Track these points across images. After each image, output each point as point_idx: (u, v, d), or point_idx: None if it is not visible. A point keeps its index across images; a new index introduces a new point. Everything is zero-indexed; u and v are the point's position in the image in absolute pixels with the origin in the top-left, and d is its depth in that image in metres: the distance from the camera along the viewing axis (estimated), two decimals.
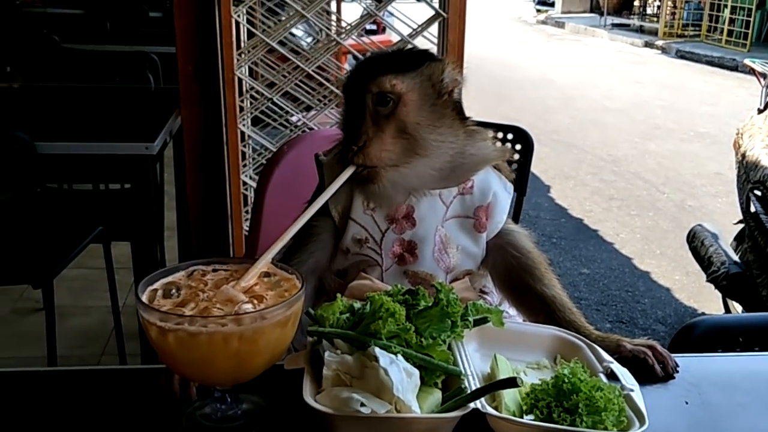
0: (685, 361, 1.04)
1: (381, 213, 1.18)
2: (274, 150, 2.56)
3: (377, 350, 0.82)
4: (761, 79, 3.52)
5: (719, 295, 3.67)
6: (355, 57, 2.54)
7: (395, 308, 0.85)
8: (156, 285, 0.87)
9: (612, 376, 0.93)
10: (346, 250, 1.19)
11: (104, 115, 2.72)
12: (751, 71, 3.60)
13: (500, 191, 1.22)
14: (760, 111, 3.47)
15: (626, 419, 0.83)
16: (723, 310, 3.67)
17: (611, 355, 1.00)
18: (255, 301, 0.83)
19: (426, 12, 2.43)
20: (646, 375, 0.99)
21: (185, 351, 0.79)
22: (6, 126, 2.22)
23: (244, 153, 2.62)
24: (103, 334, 3.02)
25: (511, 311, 1.25)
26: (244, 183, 2.56)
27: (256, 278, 0.88)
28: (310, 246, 1.18)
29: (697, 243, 3.62)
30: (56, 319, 2.49)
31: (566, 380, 0.83)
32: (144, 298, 0.83)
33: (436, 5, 2.40)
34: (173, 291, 0.85)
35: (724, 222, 4.48)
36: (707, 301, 4.00)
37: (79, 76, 3.34)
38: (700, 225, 3.73)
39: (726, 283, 3.34)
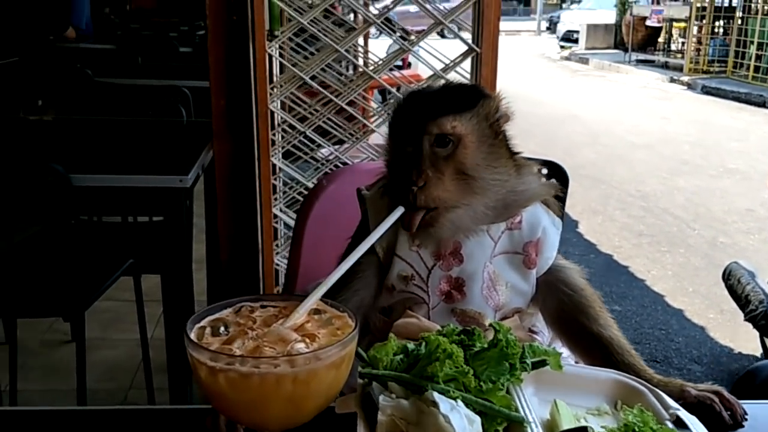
0: (754, 408, 0.99)
1: (427, 249, 1.15)
2: (306, 183, 2.56)
3: (436, 395, 0.77)
4: None
5: (756, 334, 3.57)
6: (381, 92, 2.54)
7: (453, 350, 0.81)
8: (203, 322, 0.83)
9: (680, 424, 0.88)
10: (392, 288, 1.16)
11: (138, 148, 2.73)
12: None
13: (549, 226, 1.19)
14: None
15: None
16: (761, 350, 3.57)
17: (675, 401, 0.95)
18: (307, 340, 0.79)
19: (451, 48, 2.42)
20: (712, 423, 0.94)
21: (236, 392, 0.75)
22: (40, 158, 2.23)
23: (275, 186, 2.61)
24: (131, 367, 3.00)
25: (563, 350, 1.20)
26: (275, 216, 2.55)
27: (306, 316, 0.84)
28: (355, 284, 1.14)
29: (733, 281, 3.54)
30: (85, 352, 2.48)
31: (636, 429, 0.78)
32: (192, 336, 0.80)
33: (469, 40, 2.39)
34: (221, 328, 0.82)
35: (758, 259, 4.39)
36: (743, 341, 3.90)
37: (112, 110, 3.38)
38: (735, 262, 3.64)
39: (765, 322, 3.25)
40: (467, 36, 2.44)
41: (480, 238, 1.14)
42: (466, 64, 2.44)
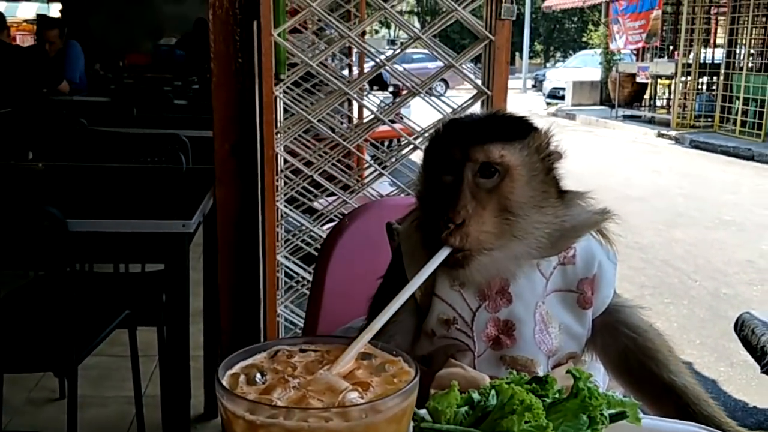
0: None
1: (471, 289, 1.02)
2: (312, 229, 2.47)
3: None
4: None
5: None
6: (373, 145, 2.49)
7: (531, 401, 0.69)
8: (236, 368, 0.72)
9: None
10: (431, 333, 1.03)
11: (137, 194, 2.63)
12: None
13: (605, 261, 1.08)
14: None
15: None
16: None
17: None
18: (360, 389, 0.68)
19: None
20: None
21: None
22: (34, 203, 2.12)
23: (277, 234, 2.52)
24: (122, 426, 2.83)
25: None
26: (278, 264, 2.45)
27: (355, 362, 0.73)
28: (389, 329, 0.98)
29: (747, 332, 3.43)
30: None
31: None
32: (225, 383, 0.68)
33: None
34: (257, 376, 0.70)
35: (764, 311, 4.31)
36: (757, 395, 3.81)
37: (109, 157, 3.28)
38: (748, 313, 3.55)
39: None
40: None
41: (530, 274, 1.03)
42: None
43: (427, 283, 1.02)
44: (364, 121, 2.86)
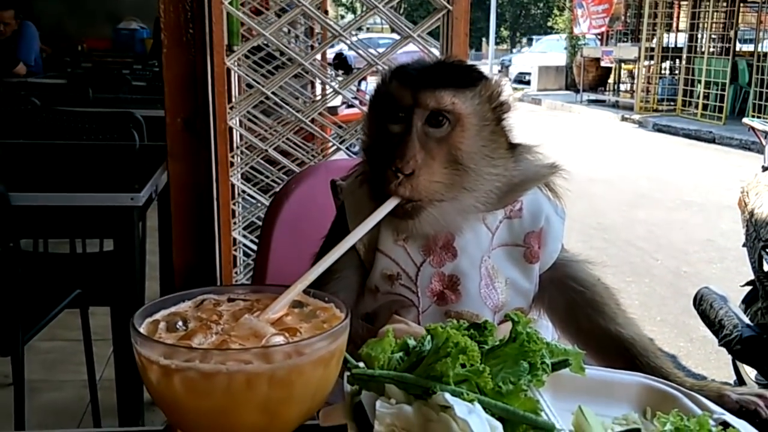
0: None
1: (415, 243, 0.99)
2: (268, 205, 2.42)
3: (449, 397, 0.63)
4: (762, 138, 3.45)
5: (728, 361, 3.53)
6: (339, 126, 2.46)
7: (467, 343, 0.66)
8: (157, 316, 0.67)
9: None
10: (375, 289, 1.00)
11: (86, 170, 2.55)
12: (751, 130, 3.54)
13: (552, 215, 1.05)
14: (765, 168, 3.39)
15: None
16: (734, 376, 3.51)
17: None
18: (287, 334, 0.64)
19: None
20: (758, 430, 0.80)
21: (196, 398, 0.59)
22: None
23: (233, 211, 2.46)
24: (77, 410, 2.76)
25: None
26: (235, 241, 2.39)
27: (286, 309, 0.69)
28: (331, 285, 0.97)
29: (705, 306, 3.48)
30: (27, 395, 2.26)
31: None
32: (143, 330, 0.64)
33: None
34: (179, 323, 0.66)
35: (722, 288, 4.38)
36: (716, 369, 3.88)
37: (61, 135, 3.18)
38: (707, 288, 3.59)
39: (740, 347, 3.19)
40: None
41: (476, 228, 1.00)
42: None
43: (370, 238, 0.99)
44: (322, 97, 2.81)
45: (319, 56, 4.77)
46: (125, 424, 2.45)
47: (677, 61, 14.18)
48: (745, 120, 3.70)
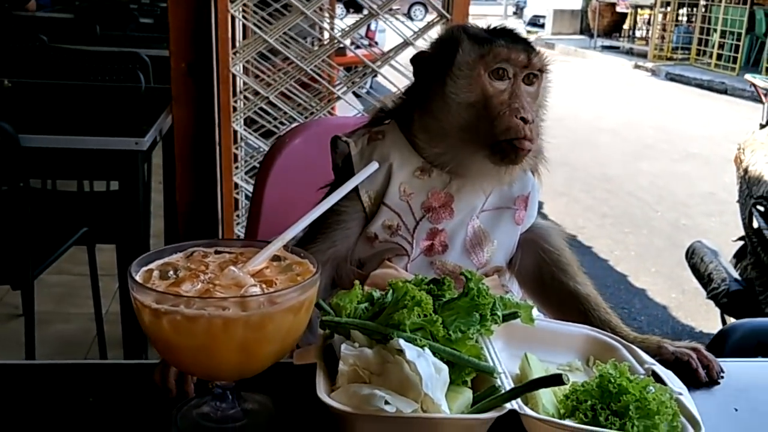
0: (730, 366, 0.96)
1: (417, 200, 1.09)
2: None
3: (402, 342, 0.72)
4: (763, 95, 3.48)
5: (717, 313, 3.61)
6: (347, 70, 2.48)
7: (422, 297, 0.75)
8: (152, 265, 0.77)
9: (657, 378, 0.84)
10: (374, 237, 1.09)
11: (93, 112, 2.61)
12: (753, 86, 3.56)
13: (535, 183, 1.16)
14: (762, 126, 3.42)
15: (679, 425, 0.74)
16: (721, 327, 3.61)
17: (652, 358, 0.91)
18: (264, 286, 0.73)
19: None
20: (689, 380, 0.90)
21: (181, 337, 0.69)
22: None
23: (236, 155, 2.53)
24: (84, 341, 2.90)
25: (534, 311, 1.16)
26: (236, 185, 2.47)
27: (266, 262, 0.78)
28: (335, 234, 1.08)
29: (696, 259, 3.56)
30: (37, 326, 2.38)
31: (612, 380, 0.74)
32: (138, 277, 0.73)
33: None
34: (170, 272, 0.75)
35: (718, 242, 4.43)
36: (704, 320, 3.95)
37: (68, 75, 3.23)
38: (699, 242, 3.67)
39: (726, 300, 3.28)
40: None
41: (475, 191, 1.09)
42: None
43: (377, 192, 1.09)
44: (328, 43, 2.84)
45: None
46: (130, 356, 2.57)
47: (694, 8, 13.93)
48: (747, 76, 3.71)
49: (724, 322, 3.63)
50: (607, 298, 3.68)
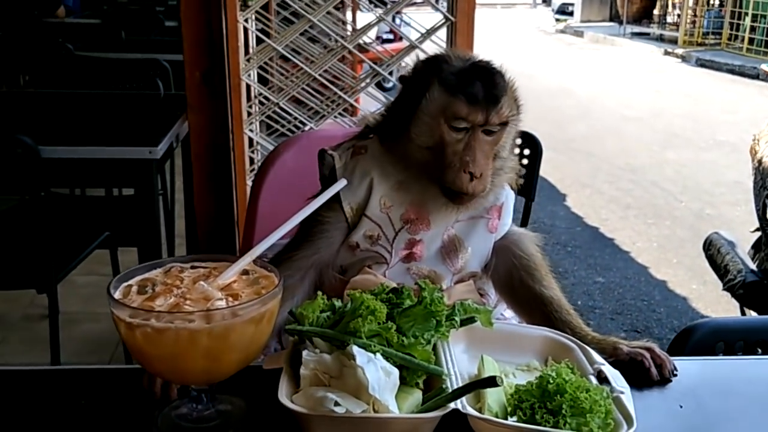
0: (684, 364, 1.01)
1: (397, 213, 1.17)
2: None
3: (355, 349, 0.79)
4: None
5: (737, 304, 3.59)
6: (371, 66, 2.52)
7: (376, 306, 0.83)
8: (132, 281, 0.85)
9: (603, 378, 0.90)
10: (356, 245, 1.18)
11: (110, 121, 2.72)
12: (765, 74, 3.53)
13: (510, 194, 1.23)
14: None
15: (613, 421, 0.79)
16: None
17: (608, 358, 0.97)
18: (230, 299, 0.81)
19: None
20: (643, 378, 0.95)
21: (152, 347, 0.77)
22: (10, 130, 2.22)
23: (252, 159, 2.61)
24: (111, 341, 3.01)
25: (507, 314, 1.23)
26: None
27: (236, 276, 0.85)
28: (320, 242, 1.16)
29: (713, 251, 3.55)
30: (64, 326, 2.48)
31: (551, 381, 0.80)
32: (117, 294, 0.81)
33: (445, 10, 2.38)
34: (148, 288, 0.84)
35: (743, 231, 4.38)
36: (725, 312, 3.92)
37: (90, 83, 3.35)
38: (716, 233, 3.65)
39: (743, 291, 3.27)
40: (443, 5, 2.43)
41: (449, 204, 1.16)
42: (442, 33, 2.43)
43: (359, 204, 1.17)
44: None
45: None
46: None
47: None
48: (762, 66, 3.67)
49: (743, 313, 3.62)
50: (627, 291, 3.69)
